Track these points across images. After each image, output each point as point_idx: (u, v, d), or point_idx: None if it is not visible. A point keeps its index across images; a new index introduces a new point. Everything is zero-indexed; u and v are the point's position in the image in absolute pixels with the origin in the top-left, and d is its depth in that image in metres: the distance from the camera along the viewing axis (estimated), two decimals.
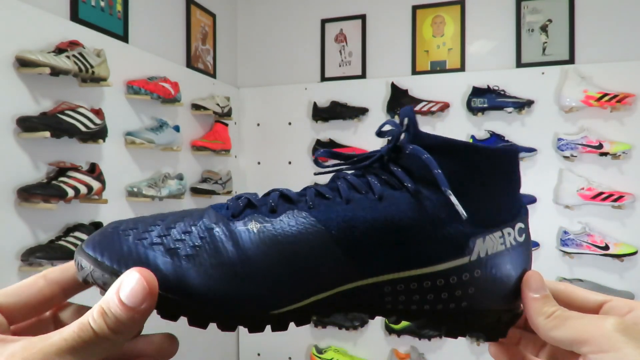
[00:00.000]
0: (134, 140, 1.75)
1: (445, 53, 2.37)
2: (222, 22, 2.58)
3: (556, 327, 0.29)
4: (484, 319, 0.32)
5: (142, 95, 1.78)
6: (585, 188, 2.04)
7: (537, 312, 0.30)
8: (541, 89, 2.16)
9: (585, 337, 0.27)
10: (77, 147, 1.54)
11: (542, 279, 0.33)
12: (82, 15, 1.63)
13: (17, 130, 1.33)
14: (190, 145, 2.18)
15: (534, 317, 0.30)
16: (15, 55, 1.32)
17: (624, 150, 2.00)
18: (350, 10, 2.52)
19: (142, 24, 1.95)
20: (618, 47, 2.12)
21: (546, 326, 0.29)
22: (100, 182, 1.53)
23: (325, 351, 2.35)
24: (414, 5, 2.41)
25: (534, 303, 0.31)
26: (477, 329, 0.33)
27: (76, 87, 1.54)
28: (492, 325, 0.33)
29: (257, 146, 2.63)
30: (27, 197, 1.32)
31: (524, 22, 2.25)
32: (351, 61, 2.50)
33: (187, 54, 2.26)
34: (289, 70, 2.62)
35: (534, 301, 0.31)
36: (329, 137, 2.45)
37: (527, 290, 0.32)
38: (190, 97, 2.18)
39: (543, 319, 0.30)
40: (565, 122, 2.13)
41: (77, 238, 1.43)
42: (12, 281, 1.33)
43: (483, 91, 2.19)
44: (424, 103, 2.27)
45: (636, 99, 2.02)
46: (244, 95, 2.65)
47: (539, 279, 0.32)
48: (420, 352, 2.26)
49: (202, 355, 2.21)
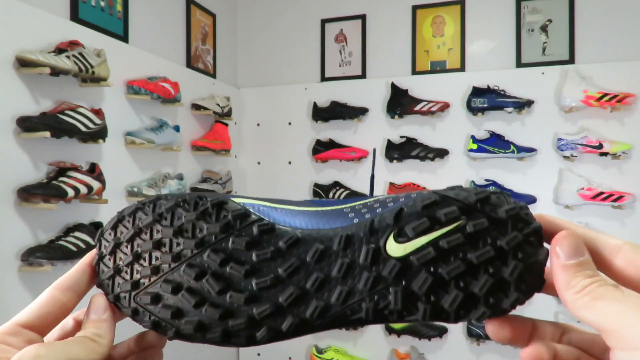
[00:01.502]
0: (134, 140, 1.75)
1: (445, 53, 2.37)
2: (222, 22, 2.58)
3: (585, 306, 0.24)
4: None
5: (142, 95, 1.78)
6: (585, 188, 2.04)
7: (565, 283, 0.25)
8: (541, 89, 2.16)
9: (614, 328, 0.23)
10: (77, 147, 1.54)
11: (579, 242, 0.26)
12: (82, 15, 1.63)
13: (17, 130, 1.33)
14: (190, 145, 2.18)
15: (562, 290, 0.25)
16: (16, 55, 1.32)
17: (624, 150, 2.00)
18: (350, 10, 2.52)
19: (142, 24, 1.95)
20: (618, 47, 2.12)
21: (575, 304, 0.25)
22: (100, 182, 1.53)
23: (325, 351, 2.35)
24: (414, 5, 2.41)
25: (564, 272, 0.25)
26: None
27: (76, 87, 1.54)
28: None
29: (257, 146, 2.63)
30: (27, 197, 1.32)
31: (524, 22, 2.25)
32: (351, 61, 2.50)
33: (187, 54, 2.26)
34: (289, 70, 2.62)
35: (565, 270, 0.26)
36: (329, 137, 2.45)
37: (557, 255, 0.26)
38: (190, 97, 2.18)
39: (572, 293, 0.25)
40: (565, 122, 2.13)
41: (77, 238, 1.43)
42: (12, 281, 1.33)
43: (483, 91, 2.19)
44: (424, 103, 2.27)
45: (636, 99, 2.02)
46: (244, 95, 2.65)
47: (575, 243, 0.26)
48: (420, 352, 2.26)
49: (202, 355, 2.21)
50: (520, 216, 0.28)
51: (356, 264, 0.30)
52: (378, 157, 2.37)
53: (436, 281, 0.28)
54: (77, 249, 1.41)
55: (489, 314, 0.28)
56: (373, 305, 0.29)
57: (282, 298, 0.30)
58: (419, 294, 0.28)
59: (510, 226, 0.28)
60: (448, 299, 0.28)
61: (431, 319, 0.29)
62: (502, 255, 0.28)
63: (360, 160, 2.41)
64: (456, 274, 0.28)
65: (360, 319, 0.29)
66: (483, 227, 0.28)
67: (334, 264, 0.30)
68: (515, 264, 0.28)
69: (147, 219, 0.32)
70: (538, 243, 0.28)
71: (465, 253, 0.28)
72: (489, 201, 0.29)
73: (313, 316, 0.29)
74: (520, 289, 0.28)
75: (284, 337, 0.30)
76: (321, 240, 0.30)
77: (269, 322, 0.30)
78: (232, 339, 0.30)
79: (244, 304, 0.30)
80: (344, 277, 0.30)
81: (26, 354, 0.25)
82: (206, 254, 0.31)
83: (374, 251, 0.29)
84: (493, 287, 0.28)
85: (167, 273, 0.32)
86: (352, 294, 0.29)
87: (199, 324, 0.30)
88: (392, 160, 2.31)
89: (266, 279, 0.30)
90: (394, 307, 0.28)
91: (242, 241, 0.31)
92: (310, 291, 0.30)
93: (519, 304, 0.28)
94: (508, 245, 0.28)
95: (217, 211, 0.32)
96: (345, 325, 0.30)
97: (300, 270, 0.30)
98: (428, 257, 0.28)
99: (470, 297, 0.28)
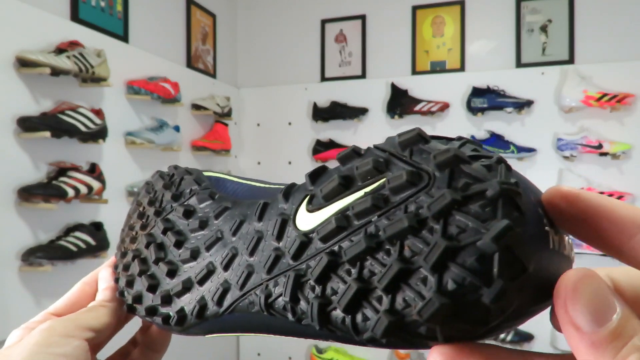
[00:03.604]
0: (134, 140, 1.75)
1: (445, 53, 2.37)
2: (222, 22, 2.58)
3: None
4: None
5: (142, 96, 1.78)
6: (585, 188, 2.04)
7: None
8: (541, 89, 2.16)
9: None
10: (77, 147, 1.54)
11: (604, 290, 0.15)
12: (82, 16, 1.63)
13: (17, 130, 1.34)
14: (190, 146, 2.18)
15: None
16: (16, 55, 1.32)
17: (623, 150, 2.00)
18: (350, 11, 2.52)
19: (142, 24, 1.95)
20: (618, 47, 2.12)
21: None
22: (101, 182, 1.53)
23: (325, 351, 2.35)
24: (414, 5, 2.41)
25: (594, 351, 0.15)
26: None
27: (76, 87, 1.54)
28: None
29: (257, 146, 2.63)
30: (28, 197, 1.32)
31: (524, 22, 2.25)
32: (351, 61, 2.50)
33: (187, 54, 2.26)
34: (289, 70, 2.63)
35: (594, 347, 0.15)
36: (329, 137, 2.45)
37: (574, 323, 0.15)
38: (190, 97, 2.18)
39: None
40: (565, 122, 2.13)
41: (77, 238, 1.43)
42: (12, 281, 1.33)
43: (483, 91, 2.19)
44: (424, 103, 2.27)
45: (636, 99, 2.02)
46: (244, 96, 2.65)
47: (598, 292, 0.15)
48: (420, 352, 2.26)
49: (202, 355, 2.21)
50: (463, 166, 0.17)
51: (267, 237, 0.23)
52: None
53: (333, 265, 0.19)
54: (77, 249, 1.41)
55: (391, 326, 0.16)
56: (266, 294, 0.22)
57: (194, 274, 0.26)
58: (313, 282, 0.20)
59: (449, 179, 0.17)
60: (340, 292, 0.18)
61: (322, 324, 0.19)
62: (423, 228, 0.17)
63: None
64: (354, 254, 0.18)
65: (258, 312, 0.22)
66: (401, 183, 0.18)
67: (248, 237, 0.25)
68: (436, 243, 0.16)
69: (142, 191, 0.34)
70: (491, 208, 0.16)
71: (376, 225, 0.18)
72: (425, 146, 0.18)
73: (214, 300, 0.24)
74: (446, 293, 0.15)
75: (193, 322, 0.25)
76: (244, 209, 0.26)
77: (181, 302, 0.26)
78: (153, 317, 0.27)
79: (167, 276, 0.27)
80: (251, 254, 0.24)
81: (41, 326, 0.26)
82: (158, 223, 0.30)
83: (282, 222, 0.23)
84: (402, 278, 0.17)
85: (137, 243, 0.31)
86: (252, 277, 0.23)
87: (137, 294, 0.28)
88: None
89: (187, 251, 0.27)
90: (283, 300, 0.21)
91: (181, 209, 0.29)
92: (220, 268, 0.25)
93: (430, 320, 0.16)
94: (430, 210, 0.16)
95: (179, 182, 0.31)
96: (249, 319, 0.23)
97: (220, 242, 0.26)
98: (330, 232, 0.20)
99: (368, 294, 0.18)
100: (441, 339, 0.16)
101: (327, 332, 0.20)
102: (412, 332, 0.16)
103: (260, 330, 0.24)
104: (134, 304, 0.29)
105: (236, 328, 0.25)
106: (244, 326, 0.24)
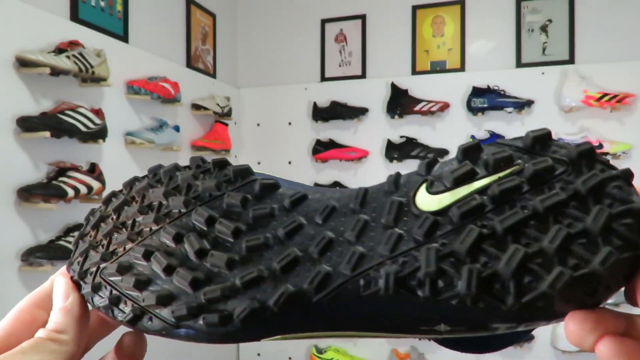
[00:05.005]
0: (134, 140, 1.75)
1: (445, 53, 2.37)
2: (222, 22, 2.58)
3: None
4: None
5: (142, 95, 1.78)
6: None
7: None
8: (541, 89, 2.16)
9: None
10: (77, 147, 1.54)
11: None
12: (82, 15, 1.63)
13: (17, 130, 1.33)
14: (191, 146, 2.18)
15: None
16: (16, 55, 1.32)
17: (624, 150, 2.00)
18: (350, 10, 2.52)
19: (142, 24, 1.95)
20: (618, 47, 2.12)
21: None
22: (100, 182, 1.53)
23: (325, 351, 2.35)
24: (414, 5, 2.41)
25: None
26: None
27: (76, 87, 1.54)
28: None
29: (257, 146, 2.63)
30: (27, 197, 1.32)
31: (524, 22, 2.25)
32: (351, 61, 2.50)
33: (187, 54, 2.26)
34: (289, 70, 2.62)
35: None
36: (329, 137, 2.45)
37: None
38: (190, 97, 2.18)
39: None
40: (565, 122, 2.13)
41: None
42: (12, 281, 1.33)
43: (483, 91, 2.19)
44: (424, 103, 2.27)
45: (636, 99, 2.02)
46: (244, 95, 2.65)
47: None
48: (420, 352, 2.26)
49: (202, 355, 2.21)
50: (597, 157, 0.21)
51: (376, 221, 0.23)
52: (379, 157, 2.37)
53: (485, 236, 0.21)
54: None
55: (569, 280, 0.19)
56: (395, 270, 0.21)
57: (276, 261, 0.23)
58: (461, 254, 0.20)
59: (586, 167, 0.21)
60: (505, 257, 0.20)
61: (478, 293, 0.20)
62: (578, 200, 0.20)
63: (360, 160, 2.40)
64: (511, 224, 0.20)
65: (375, 293, 0.21)
66: (547, 166, 0.21)
67: (347, 223, 0.23)
68: (600, 210, 0.19)
69: (140, 185, 0.29)
70: (628, 187, 0.20)
71: (526, 200, 0.21)
72: (551, 142, 0.23)
73: (312, 285, 0.22)
74: (611, 243, 0.19)
75: (271, 315, 0.23)
76: (333, 198, 0.25)
77: (254, 292, 0.23)
78: (202, 314, 0.23)
79: (226, 267, 0.24)
80: (358, 237, 0.23)
81: None
82: (195, 213, 0.25)
83: (399, 205, 0.23)
84: (570, 241, 0.19)
85: (146, 238, 0.26)
86: (366, 258, 0.22)
87: (165, 293, 0.23)
88: (392, 161, 2.32)
89: (259, 236, 0.24)
90: (426, 272, 0.20)
91: (238, 196, 0.26)
92: (313, 254, 0.23)
93: (610, 268, 0.19)
94: (585, 186, 0.20)
95: (218, 169, 0.28)
96: (352, 307, 0.23)
97: (304, 230, 0.24)
98: (473, 208, 0.21)
99: (536, 257, 0.20)
100: (620, 286, 0.19)
101: (455, 314, 0.21)
102: (594, 283, 0.19)
103: (356, 321, 0.23)
104: (152, 309, 0.24)
105: (329, 321, 0.23)
106: (339, 317, 0.23)
